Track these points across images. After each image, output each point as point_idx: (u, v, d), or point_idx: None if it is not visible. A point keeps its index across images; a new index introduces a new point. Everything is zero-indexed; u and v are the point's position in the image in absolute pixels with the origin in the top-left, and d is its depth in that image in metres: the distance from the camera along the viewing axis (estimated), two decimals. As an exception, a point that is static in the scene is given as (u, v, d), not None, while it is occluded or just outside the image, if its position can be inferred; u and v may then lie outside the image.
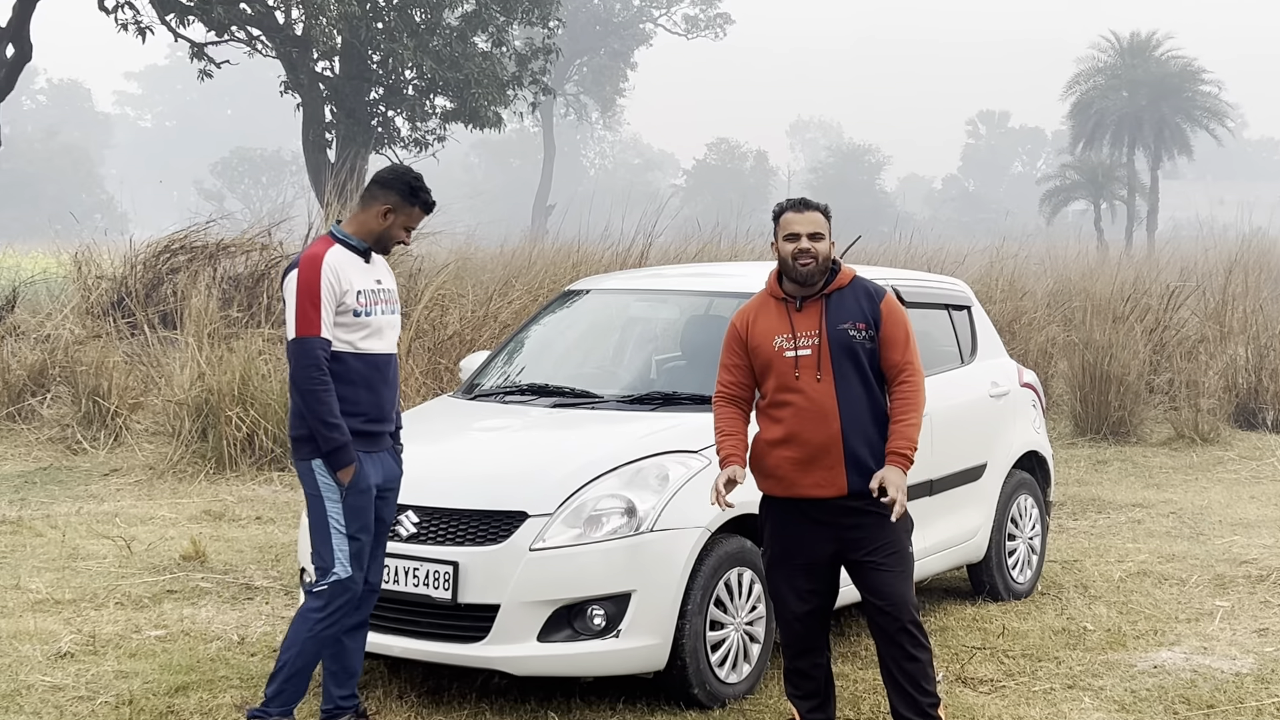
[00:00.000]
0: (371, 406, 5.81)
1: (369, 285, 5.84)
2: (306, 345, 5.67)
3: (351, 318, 5.74)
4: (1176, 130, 65.32)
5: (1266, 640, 7.71)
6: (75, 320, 16.10)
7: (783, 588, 5.87)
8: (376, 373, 5.82)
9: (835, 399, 5.68)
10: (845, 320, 5.74)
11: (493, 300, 16.42)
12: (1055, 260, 26.11)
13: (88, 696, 6.61)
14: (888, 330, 5.77)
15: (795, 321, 5.78)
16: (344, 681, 5.97)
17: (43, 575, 8.99)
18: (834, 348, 5.71)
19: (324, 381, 5.66)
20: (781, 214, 5.88)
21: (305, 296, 5.67)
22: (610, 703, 6.53)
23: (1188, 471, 13.66)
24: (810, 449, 5.69)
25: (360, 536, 5.76)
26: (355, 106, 29.77)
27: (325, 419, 5.66)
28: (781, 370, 5.75)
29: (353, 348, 5.77)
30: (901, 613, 5.71)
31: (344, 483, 5.71)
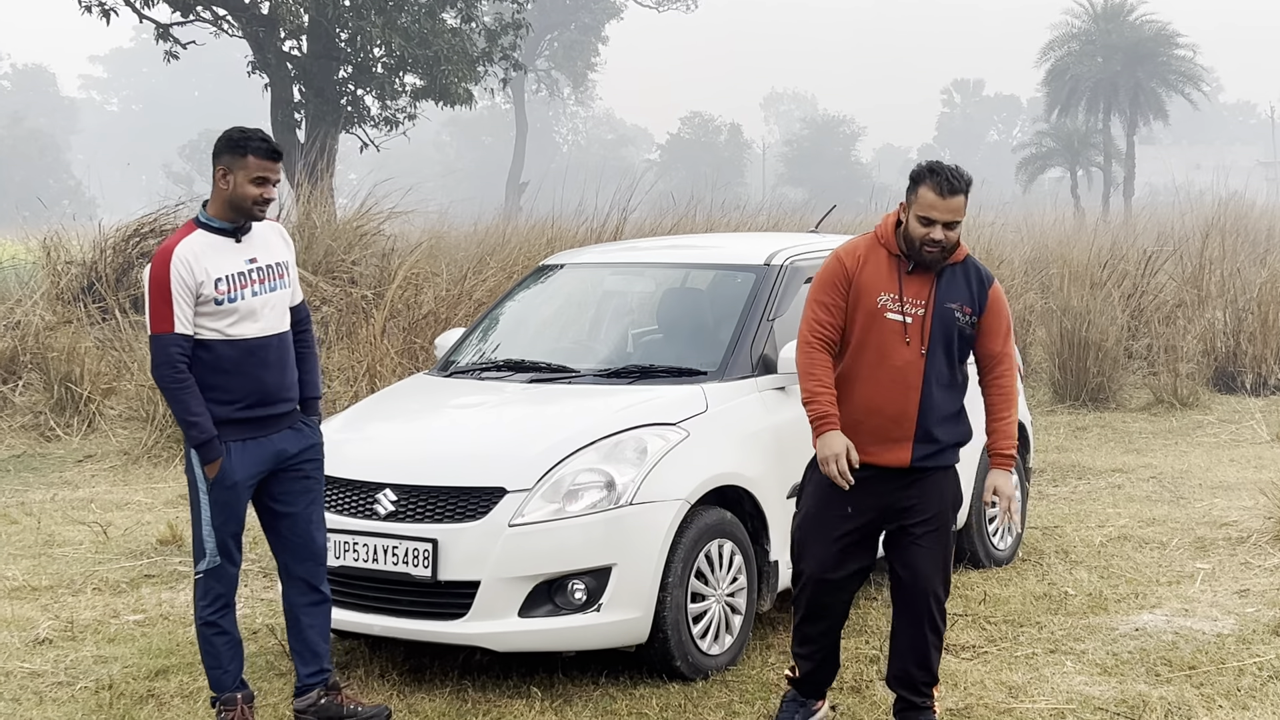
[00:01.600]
0: (249, 392, 5.68)
1: (236, 268, 5.65)
2: (159, 343, 5.57)
3: (214, 306, 5.60)
4: (1152, 95, 65.41)
5: (1247, 601, 7.77)
6: (45, 306, 16.03)
7: (811, 549, 5.69)
8: (251, 357, 5.68)
9: (923, 374, 5.51)
10: (954, 300, 5.53)
11: (467, 279, 16.40)
12: (1032, 228, 26.17)
13: (67, 682, 6.62)
14: (990, 319, 5.59)
15: (905, 284, 5.52)
16: (308, 660, 5.95)
17: (19, 562, 8.98)
18: (936, 324, 5.51)
19: (178, 380, 5.55)
20: (918, 185, 5.46)
21: (155, 293, 5.55)
22: (593, 677, 6.56)
23: (1167, 436, 13.73)
24: (883, 418, 5.53)
25: (226, 530, 5.72)
26: (324, 85, 29.61)
27: (183, 416, 5.59)
28: (882, 331, 5.50)
29: (222, 334, 5.63)
30: (930, 592, 5.65)
31: (209, 477, 5.65)
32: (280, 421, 5.82)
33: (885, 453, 5.57)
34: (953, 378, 5.63)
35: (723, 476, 6.73)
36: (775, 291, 7.53)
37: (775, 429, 6.99)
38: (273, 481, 5.85)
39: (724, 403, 6.96)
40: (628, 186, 21.30)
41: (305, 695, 5.96)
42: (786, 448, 6.98)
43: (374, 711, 5.98)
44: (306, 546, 5.93)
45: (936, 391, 5.56)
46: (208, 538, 5.70)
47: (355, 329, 14.88)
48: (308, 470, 5.92)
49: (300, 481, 5.90)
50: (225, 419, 5.64)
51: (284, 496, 5.88)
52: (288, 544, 5.94)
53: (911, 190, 5.51)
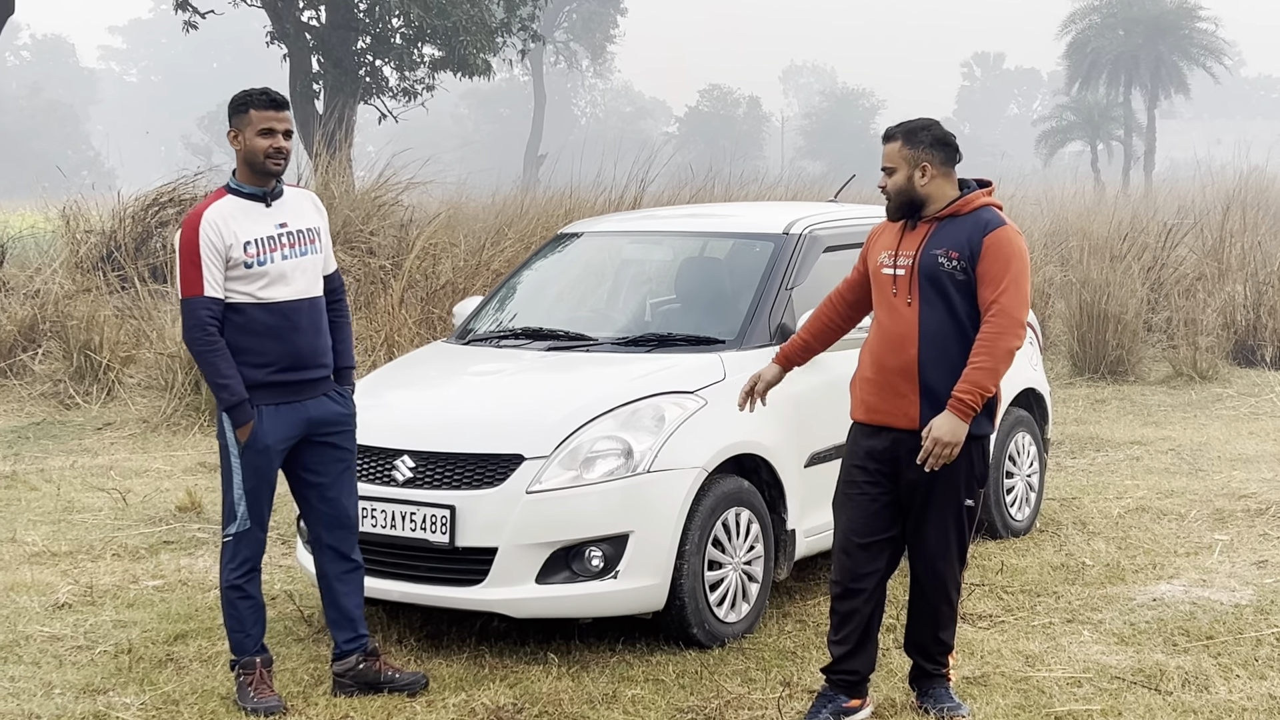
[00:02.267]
0: (282, 356, 5.70)
1: (265, 232, 5.67)
2: (189, 306, 5.60)
3: (244, 269, 5.62)
4: (1173, 69, 65.14)
5: (1265, 572, 7.76)
6: (65, 275, 16.09)
7: (842, 517, 5.68)
8: (285, 321, 5.70)
9: (917, 326, 5.47)
10: (940, 247, 5.49)
11: (485, 249, 16.40)
12: (1052, 201, 26.11)
13: (87, 646, 6.66)
14: (985, 265, 5.44)
15: (902, 241, 5.59)
16: (344, 626, 5.99)
17: (39, 528, 9.02)
18: (921, 273, 5.48)
19: (209, 343, 5.58)
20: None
21: (185, 257, 5.59)
22: (609, 644, 6.58)
23: (1186, 409, 13.69)
24: (886, 374, 5.53)
25: (257, 494, 5.74)
26: (342, 56, 29.60)
27: (214, 379, 5.62)
28: (880, 286, 5.62)
29: (253, 298, 5.65)
30: (942, 567, 5.62)
31: (240, 440, 5.67)
32: (313, 388, 5.83)
33: (895, 414, 5.53)
34: (959, 331, 5.48)
35: (740, 445, 6.72)
36: (794, 260, 7.51)
37: (793, 398, 6.97)
38: (304, 450, 5.86)
39: (742, 371, 6.93)
40: (646, 159, 21.27)
41: (344, 660, 5.99)
42: (805, 417, 6.99)
43: (411, 679, 6.00)
44: (338, 516, 5.95)
45: (938, 346, 5.46)
46: (238, 501, 5.73)
47: (373, 299, 14.91)
48: (339, 440, 5.93)
49: (332, 451, 5.91)
50: (257, 382, 5.66)
51: (316, 465, 5.90)
52: (319, 513, 5.96)
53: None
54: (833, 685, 5.69)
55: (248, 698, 5.75)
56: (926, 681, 5.78)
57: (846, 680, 5.67)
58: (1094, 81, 66.29)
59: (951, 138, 5.63)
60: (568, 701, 5.83)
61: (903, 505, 5.63)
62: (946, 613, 5.71)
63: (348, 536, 5.98)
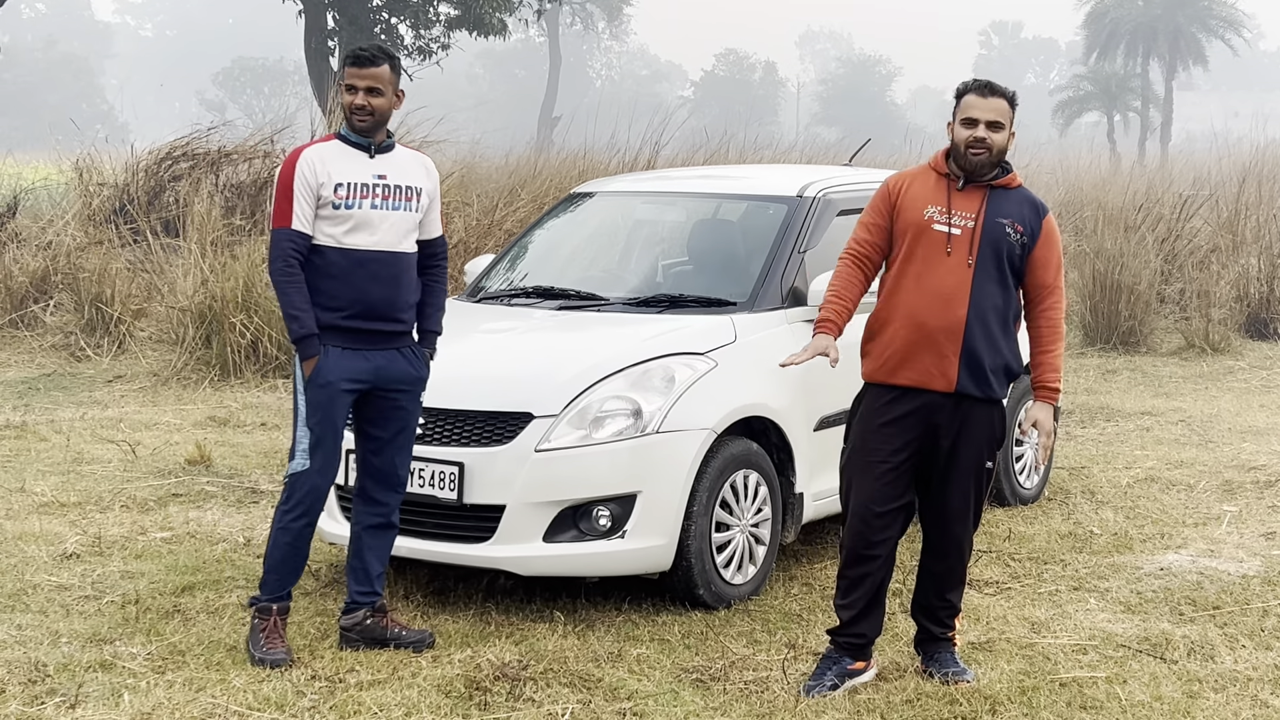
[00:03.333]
0: (351, 302, 5.74)
1: (360, 178, 5.76)
2: (275, 237, 5.74)
3: (331, 210, 5.72)
4: (1192, 40, 64.85)
5: (1274, 544, 7.75)
6: (77, 227, 16.08)
7: (858, 483, 5.58)
8: (360, 269, 5.75)
9: (970, 287, 5.41)
10: (1006, 216, 5.46)
11: (498, 209, 16.40)
12: (1067, 171, 26.03)
13: (94, 595, 6.67)
14: (1042, 249, 5.51)
15: (954, 198, 5.48)
16: (362, 578, 6.01)
17: (48, 479, 9.04)
18: (985, 237, 5.42)
19: (288, 273, 5.70)
20: (964, 95, 5.51)
21: (280, 189, 5.73)
22: (615, 603, 6.59)
23: (1197, 380, 13.67)
24: (926, 331, 5.41)
25: (320, 429, 5.76)
26: (358, 13, 29.53)
27: (286, 310, 5.74)
28: (929, 243, 5.45)
29: (336, 242, 5.74)
30: (960, 531, 5.64)
31: (306, 375, 5.75)
32: (384, 340, 5.86)
33: (931, 375, 5.45)
34: (1006, 301, 5.51)
35: (749, 407, 6.72)
36: (807, 224, 7.49)
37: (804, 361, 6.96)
38: (369, 404, 5.89)
39: (753, 334, 6.94)
40: (660, 122, 21.21)
41: (353, 614, 6.01)
42: (814, 381, 6.96)
43: (417, 636, 6.01)
44: (387, 474, 5.98)
45: (985, 311, 5.44)
46: (301, 438, 5.77)
47: (385, 256, 14.85)
48: (403, 400, 5.94)
49: (394, 410, 5.93)
50: (328, 324, 5.73)
51: (377, 420, 5.92)
52: (370, 467, 5.98)
53: (955, 104, 5.57)
54: (838, 648, 5.68)
55: (258, 645, 5.76)
56: (932, 645, 5.79)
57: (853, 644, 5.67)
58: (1112, 52, 66.02)
59: None
60: (573, 659, 5.84)
61: (923, 470, 5.60)
62: (959, 575, 5.74)
63: (392, 495, 6.01)
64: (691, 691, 5.57)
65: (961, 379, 5.44)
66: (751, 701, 5.48)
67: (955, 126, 5.51)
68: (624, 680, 5.64)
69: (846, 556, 5.66)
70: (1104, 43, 66.02)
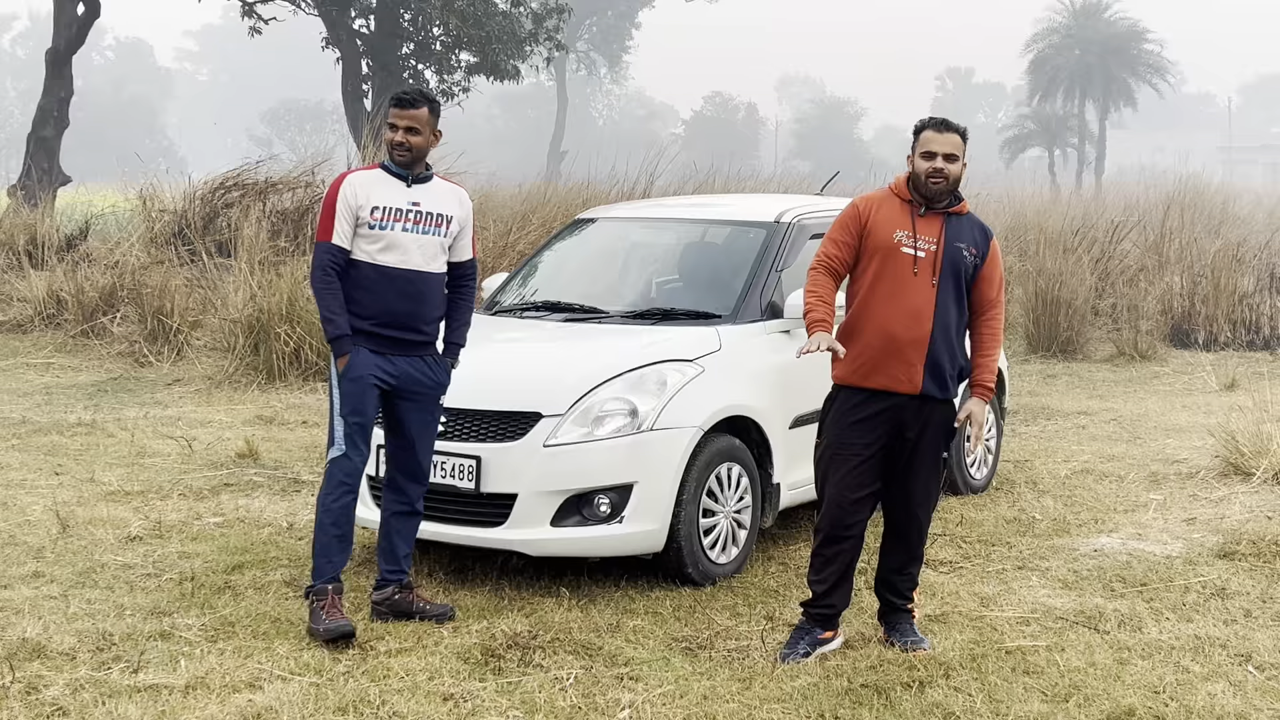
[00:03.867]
0: (379, 312, 5.76)
1: (396, 204, 5.79)
2: (318, 249, 5.79)
3: (367, 230, 5.76)
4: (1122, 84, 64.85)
5: (1194, 528, 7.75)
6: (141, 248, 16.08)
7: (834, 474, 5.61)
8: (389, 283, 5.76)
9: (935, 304, 5.46)
10: (961, 240, 5.51)
11: (512, 232, 16.38)
12: (1012, 200, 26.04)
13: (155, 573, 6.66)
14: (989, 268, 5.58)
15: (918, 224, 5.50)
16: (390, 559, 6.00)
17: (114, 470, 9.03)
18: (947, 260, 5.47)
19: (325, 282, 5.74)
20: (922, 131, 5.53)
21: (325, 208, 5.80)
22: (614, 580, 6.58)
23: (1127, 384, 13.66)
24: (897, 344, 5.45)
25: (354, 420, 5.75)
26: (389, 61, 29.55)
27: (324, 313, 5.76)
28: (897, 263, 5.47)
29: (370, 258, 5.77)
30: (919, 514, 5.69)
31: (339, 370, 5.76)
32: (407, 348, 5.86)
33: (899, 380, 5.49)
34: (960, 313, 5.57)
35: (733, 408, 6.71)
36: (783, 246, 7.49)
37: (780, 367, 6.97)
38: (396, 405, 5.88)
39: (735, 343, 6.94)
40: (655, 156, 21.20)
41: (382, 589, 6.00)
42: (790, 383, 6.97)
43: (440, 610, 6.00)
44: (411, 467, 5.97)
45: (946, 324, 5.50)
46: (337, 427, 5.77)
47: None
48: (424, 402, 5.94)
49: (418, 411, 5.92)
50: (358, 329, 5.76)
51: (403, 420, 5.92)
52: (397, 461, 5.99)
53: (914, 139, 5.57)
54: (810, 619, 5.69)
55: (320, 620, 5.69)
56: (894, 617, 5.79)
57: (824, 614, 5.68)
58: (1052, 95, 66.01)
59: None
60: (577, 630, 5.83)
61: (890, 461, 5.62)
62: (917, 554, 5.78)
63: (416, 487, 6.01)
64: (681, 658, 5.56)
65: (925, 383, 5.49)
66: (734, 667, 5.47)
67: (915, 159, 5.52)
68: (622, 648, 5.63)
69: (822, 538, 5.67)
70: (1045, 86, 66.00)
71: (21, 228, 17.09)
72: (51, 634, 5.68)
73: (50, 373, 13.37)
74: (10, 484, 8.55)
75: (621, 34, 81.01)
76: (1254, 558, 7.05)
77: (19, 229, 17.01)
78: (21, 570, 6.66)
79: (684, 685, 5.24)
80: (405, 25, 29.79)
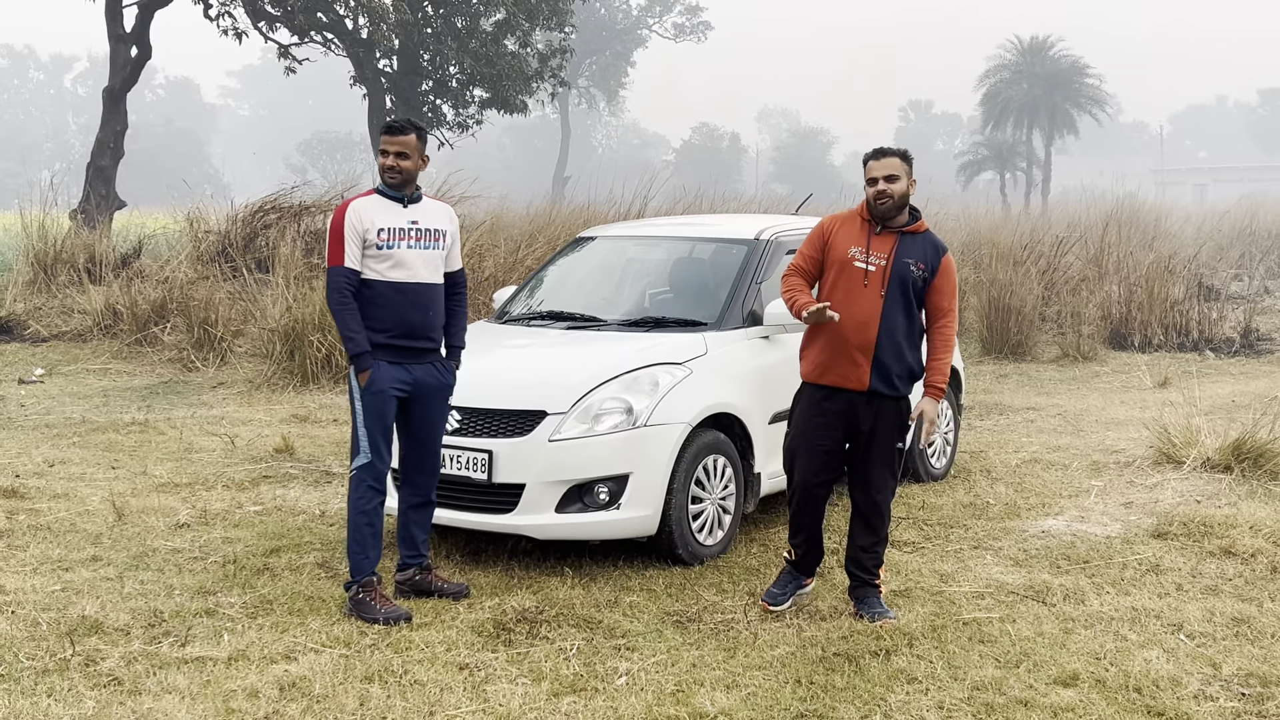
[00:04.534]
0: (395, 324, 5.68)
1: (398, 224, 5.70)
2: (331, 273, 5.64)
3: (375, 250, 5.65)
4: (1066, 114, 64.91)
5: (1131, 511, 7.74)
6: (188, 265, 16.04)
7: (799, 463, 5.75)
8: (401, 297, 5.69)
9: (880, 313, 5.53)
10: (911, 257, 5.56)
11: (520, 250, 16.35)
12: (968, 218, 26.01)
13: (201, 557, 6.65)
14: (941, 280, 5.60)
15: (872, 241, 5.58)
16: (410, 545, 5.98)
17: (165, 464, 9.00)
18: (895, 274, 5.53)
19: (343, 303, 5.61)
20: (866, 162, 5.63)
21: (333, 235, 5.66)
22: (613, 560, 6.57)
23: (1071, 382, 13.66)
24: (848, 346, 5.55)
25: (378, 429, 5.68)
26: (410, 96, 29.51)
27: (343, 332, 5.65)
28: (850, 275, 5.56)
29: (382, 276, 5.67)
30: (879, 498, 5.72)
31: (362, 384, 5.67)
32: (421, 355, 5.79)
33: (849, 378, 5.59)
34: (909, 321, 5.60)
35: (718, 405, 6.70)
36: (763, 260, 7.48)
37: (760, 369, 6.96)
38: (411, 407, 5.82)
39: (720, 347, 6.93)
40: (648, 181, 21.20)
41: (405, 571, 5.99)
42: (769, 383, 6.96)
43: (456, 588, 5.98)
44: (424, 461, 5.93)
45: (893, 330, 5.55)
46: (362, 438, 5.69)
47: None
48: (436, 402, 5.88)
49: (430, 411, 5.86)
50: (377, 343, 5.67)
51: (415, 420, 5.85)
52: (411, 458, 5.93)
53: (864, 169, 5.67)
54: (795, 568, 5.94)
55: (375, 610, 5.60)
56: (862, 591, 5.80)
57: (804, 563, 5.93)
58: (1003, 124, 66.04)
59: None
60: (579, 605, 5.82)
61: (850, 451, 5.70)
62: (881, 534, 5.80)
63: (428, 480, 5.96)
64: (673, 630, 5.55)
65: (873, 381, 5.58)
66: (720, 638, 5.46)
67: (865, 187, 5.64)
68: (619, 622, 5.62)
69: (793, 511, 5.87)
70: (997, 116, 66.05)
71: (81, 248, 17.06)
72: (108, 612, 5.67)
73: (108, 377, 13.34)
74: (71, 477, 8.53)
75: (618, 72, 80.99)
76: (1185, 538, 7.05)
77: (79, 249, 16.97)
78: (81, 555, 6.65)
79: (675, 654, 5.23)
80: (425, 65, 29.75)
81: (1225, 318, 16.57)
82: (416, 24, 27.98)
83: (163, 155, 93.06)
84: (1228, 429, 9.17)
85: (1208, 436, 8.90)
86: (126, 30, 23.74)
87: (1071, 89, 64.84)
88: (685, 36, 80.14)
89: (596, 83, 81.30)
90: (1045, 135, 64.99)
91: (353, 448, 5.78)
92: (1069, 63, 65.49)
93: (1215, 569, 6.50)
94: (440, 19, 28.88)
